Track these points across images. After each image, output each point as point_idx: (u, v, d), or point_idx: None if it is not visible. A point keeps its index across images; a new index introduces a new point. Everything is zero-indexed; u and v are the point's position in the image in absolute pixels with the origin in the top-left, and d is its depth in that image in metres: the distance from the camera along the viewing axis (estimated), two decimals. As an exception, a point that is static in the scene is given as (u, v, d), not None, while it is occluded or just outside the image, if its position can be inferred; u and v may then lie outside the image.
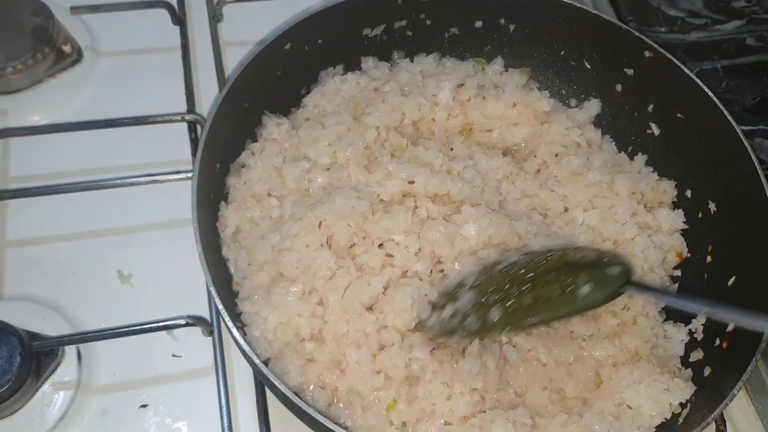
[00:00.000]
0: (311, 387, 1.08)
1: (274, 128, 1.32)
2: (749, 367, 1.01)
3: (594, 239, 1.29)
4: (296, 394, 0.98)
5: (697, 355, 1.18)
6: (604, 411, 1.11)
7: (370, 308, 1.13)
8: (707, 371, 1.14)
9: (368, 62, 1.46)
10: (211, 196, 1.20)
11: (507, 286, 1.07)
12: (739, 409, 1.27)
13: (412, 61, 1.49)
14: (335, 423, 0.93)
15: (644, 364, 1.14)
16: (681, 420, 1.09)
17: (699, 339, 1.20)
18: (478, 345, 1.11)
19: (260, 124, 1.33)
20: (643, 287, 1.15)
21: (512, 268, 1.09)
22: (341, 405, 1.07)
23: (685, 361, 1.19)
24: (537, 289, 1.05)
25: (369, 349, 1.09)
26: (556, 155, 1.38)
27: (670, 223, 1.32)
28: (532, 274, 1.07)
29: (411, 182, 1.23)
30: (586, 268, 1.06)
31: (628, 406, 1.12)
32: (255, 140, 1.32)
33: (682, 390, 1.11)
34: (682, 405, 1.11)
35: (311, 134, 1.29)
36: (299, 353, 1.10)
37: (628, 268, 1.07)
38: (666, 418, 1.11)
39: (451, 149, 1.35)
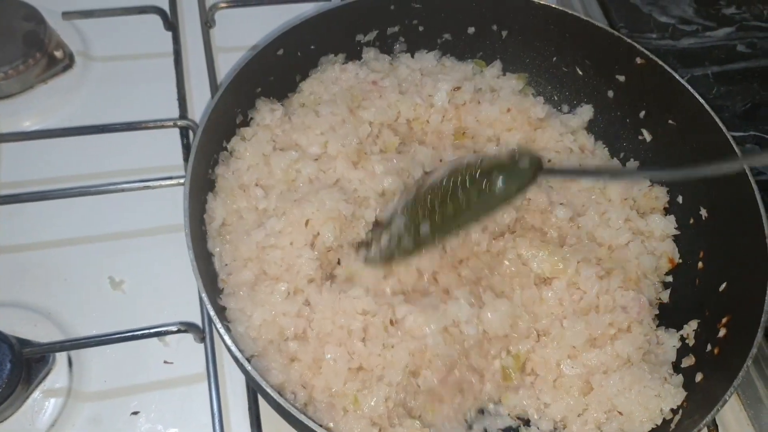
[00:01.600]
0: (292, 387, 1.08)
1: (267, 114, 1.31)
2: (740, 373, 1.01)
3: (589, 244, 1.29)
4: (279, 393, 0.97)
5: (688, 361, 1.18)
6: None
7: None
8: (699, 377, 1.14)
9: (369, 53, 1.45)
10: (204, 203, 1.20)
11: (431, 201, 1.12)
12: (731, 413, 1.27)
13: (412, 56, 1.49)
14: (326, 429, 0.92)
15: (635, 370, 1.14)
16: (673, 426, 1.09)
17: (691, 345, 1.21)
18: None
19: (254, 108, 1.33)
20: (555, 171, 1.28)
21: (435, 186, 1.14)
22: (317, 405, 1.08)
23: (676, 367, 1.20)
24: (457, 196, 1.10)
25: (348, 347, 1.10)
26: (549, 160, 1.38)
27: (662, 229, 1.33)
28: (451, 186, 1.11)
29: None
30: (497, 167, 1.09)
31: (619, 413, 1.13)
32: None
33: (674, 396, 1.11)
34: (674, 411, 1.11)
35: (304, 121, 1.29)
36: (282, 351, 1.09)
37: (537, 158, 1.09)
38: (657, 424, 1.11)
39: (440, 160, 1.34)
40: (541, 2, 1.41)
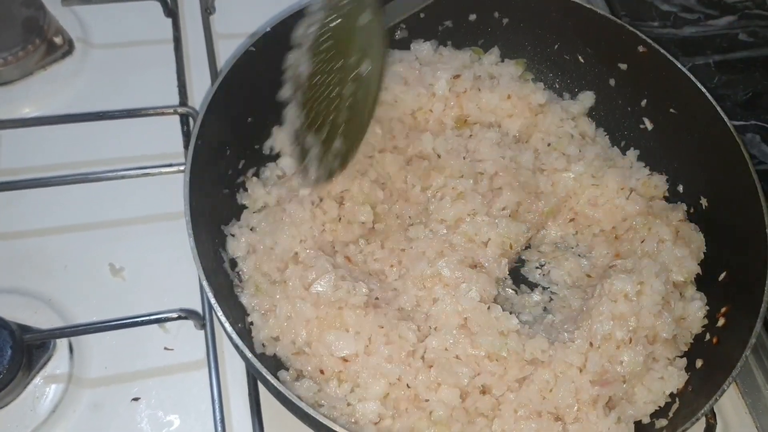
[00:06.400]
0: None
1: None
2: (739, 363, 1.02)
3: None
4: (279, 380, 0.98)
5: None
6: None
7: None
8: (699, 364, 1.14)
9: None
10: (204, 190, 1.19)
11: (315, 113, 1.13)
12: (729, 402, 1.28)
13: (409, 48, 1.48)
14: (325, 416, 0.93)
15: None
16: (671, 415, 1.09)
17: (690, 334, 1.21)
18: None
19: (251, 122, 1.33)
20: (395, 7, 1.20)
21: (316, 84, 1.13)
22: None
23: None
24: (338, 102, 1.10)
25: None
26: (549, 144, 1.38)
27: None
28: (321, 89, 1.12)
29: None
30: (347, 41, 1.08)
31: None
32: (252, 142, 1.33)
33: (677, 379, 1.11)
34: (673, 397, 1.11)
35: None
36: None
37: (374, 6, 1.07)
38: (660, 406, 1.11)
39: None
40: (543, -11, 1.40)
